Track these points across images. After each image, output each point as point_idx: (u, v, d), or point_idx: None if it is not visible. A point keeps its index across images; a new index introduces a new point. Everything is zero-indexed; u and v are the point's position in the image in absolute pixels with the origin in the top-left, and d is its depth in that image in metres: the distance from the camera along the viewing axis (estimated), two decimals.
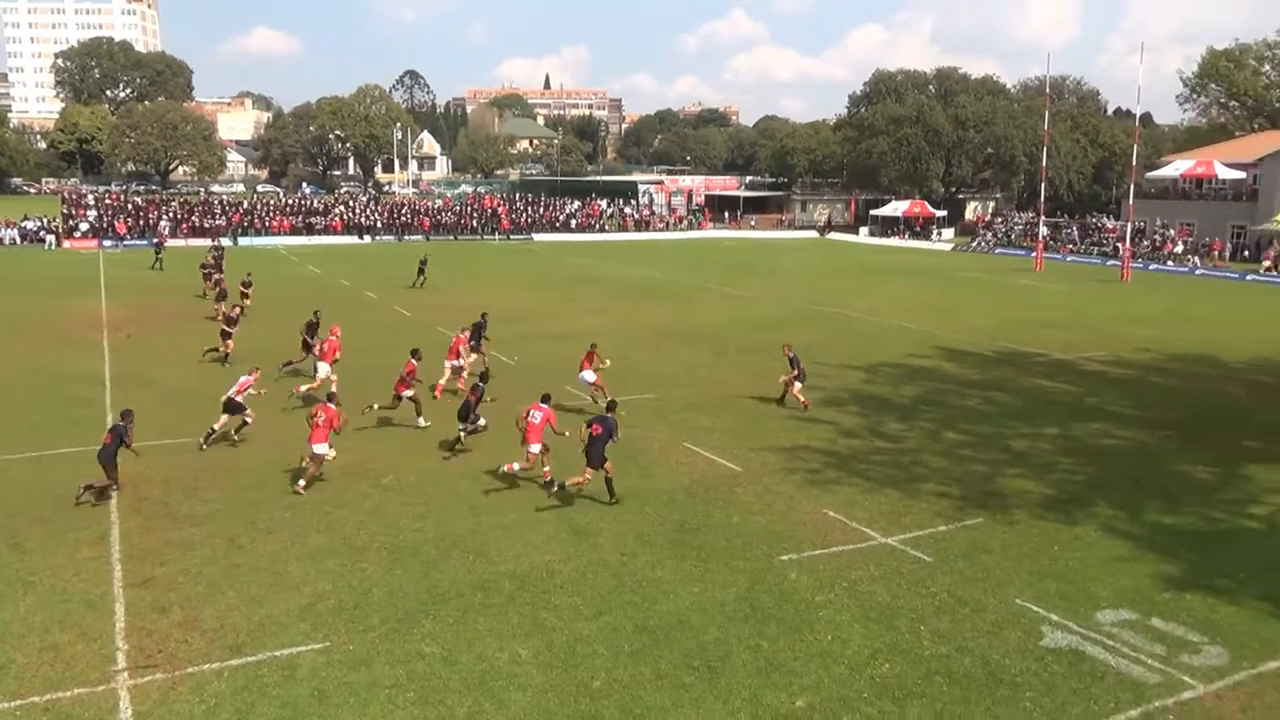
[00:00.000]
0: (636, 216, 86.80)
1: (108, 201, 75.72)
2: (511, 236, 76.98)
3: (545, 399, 16.45)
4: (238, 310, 28.70)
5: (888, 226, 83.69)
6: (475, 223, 78.68)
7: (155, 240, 56.33)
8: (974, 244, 74.31)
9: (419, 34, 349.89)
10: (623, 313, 36.01)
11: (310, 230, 72.62)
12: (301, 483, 15.86)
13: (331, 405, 16.38)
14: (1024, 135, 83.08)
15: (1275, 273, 54.78)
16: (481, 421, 18.64)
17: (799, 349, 22.43)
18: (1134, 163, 59.43)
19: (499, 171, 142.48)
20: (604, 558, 13.35)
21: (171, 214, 71.30)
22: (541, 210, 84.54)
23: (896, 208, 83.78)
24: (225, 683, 10.00)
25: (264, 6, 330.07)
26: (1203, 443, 19.70)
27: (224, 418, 18.44)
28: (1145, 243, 63.57)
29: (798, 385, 21.51)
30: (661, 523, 14.71)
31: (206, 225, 69.20)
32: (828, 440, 19.39)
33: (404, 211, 79.38)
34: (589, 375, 21.57)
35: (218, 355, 26.13)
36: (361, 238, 72.63)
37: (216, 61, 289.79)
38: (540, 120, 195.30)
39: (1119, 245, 59.37)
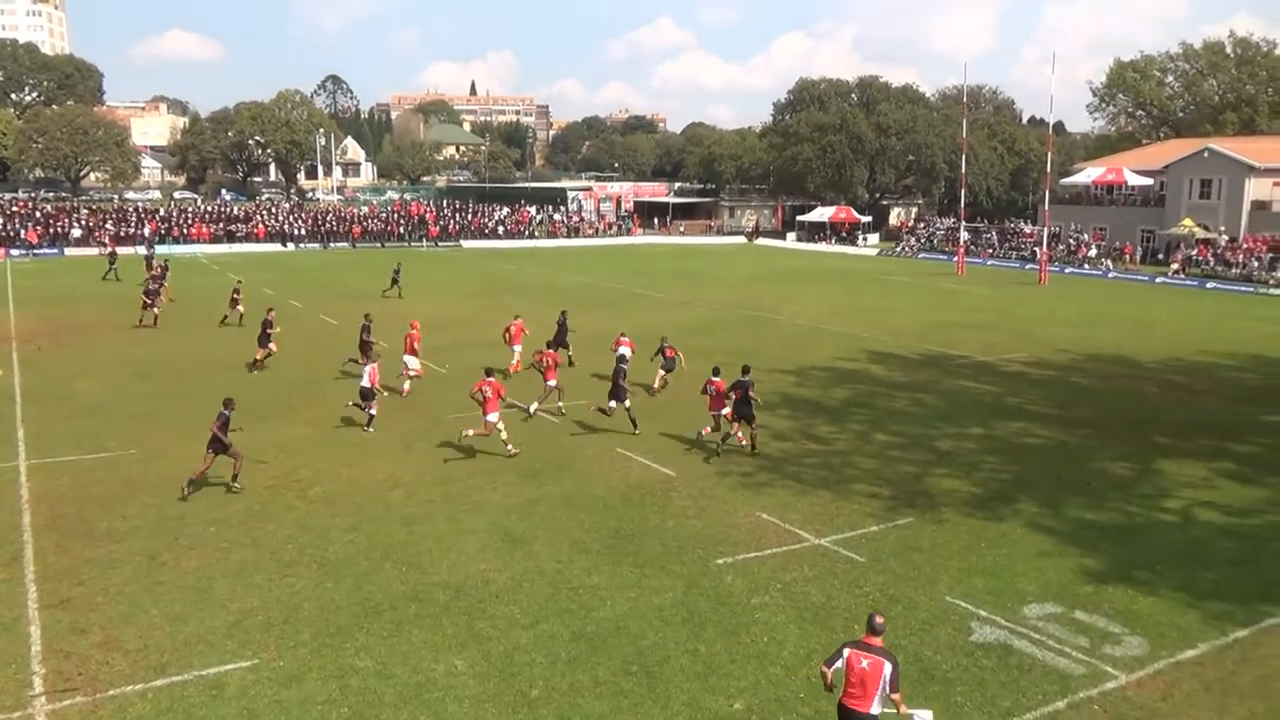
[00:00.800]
0: (566, 223, 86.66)
1: (15, 209, 72.86)
2: (439, 243, 76.21)
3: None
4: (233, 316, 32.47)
5: (814, 232, 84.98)
6: (402, 230, 77.72)
7: (109, 250, 53.81)
8: (898, 249, 75.86)
9: (342, 39, 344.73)
10: (554, 318, 35.85)
11: (231, 238, 70.90)
12: (469, 432, 18.17)
13: (492, 379, 18.45)
14: (944, 143, 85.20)
15: (1183, 275, 57.01)
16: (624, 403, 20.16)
17: (730, 353, 22.64)
18: (1048, 170, 61.39)
19: (426, 178, 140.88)
20: (540, 566, 13.26)
21: (81, 221, 68.91)
22: (470, 217, 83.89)
23: (822, 214, 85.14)
24: (149, 704, 9.67)
25: (179, 8, 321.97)
26: (1119, 440, 20.37)
27: (369, 404, 20.16)
28: (1061, 247, 65.59)
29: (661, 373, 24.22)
30: (597, 529, 14.67)
31: (124, 234, 67.06)
32: (759, 443, 19.55)
33: (329, 219, 78.01)
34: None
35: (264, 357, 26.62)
36: (285, 245, 71.14)
37: (129, 65, 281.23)
38: (467, 126, 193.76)
39: (1036, 250, 61.14)
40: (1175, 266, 58.66)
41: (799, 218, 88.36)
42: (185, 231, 70.18)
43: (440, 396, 23.22)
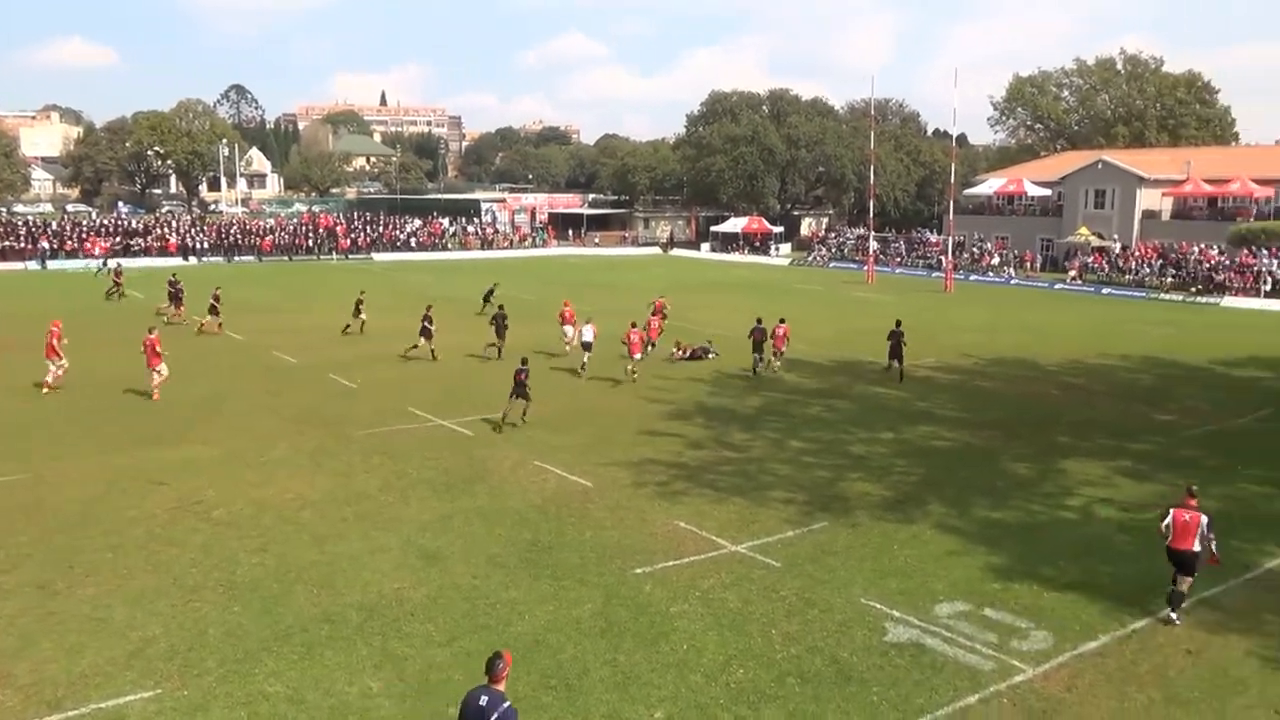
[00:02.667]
0: (480, 235, 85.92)
1: None
2: (350, 256, 74.74)
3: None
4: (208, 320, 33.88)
5: (728, 242, 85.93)
6: (311, 242, 76.02)
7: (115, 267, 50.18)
8: (810, 258, 77.20)
9: (245, 47, 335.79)
10: (469, 331, 35.46)
11: (129, 252, 68.32)
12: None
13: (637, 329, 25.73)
14: (852, 154, 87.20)
15: (1080, 281, 59.33)
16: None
17: (649, 364, 22.65)
18: (952, 180, 63.32)
19: (335, 190, 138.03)
20: (456, 582, 13.05)
21: None
22: (381, 229, 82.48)
23: (736, 224, 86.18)
24: None
25: (71, 14, 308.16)
26: (1023, 441, 21.05)
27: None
28: (965, 255, 67.63)
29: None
30: (514, 542, 14.52)
31: (13, 248, 64.14)
32: (675, 453, 19.64)
33: (233, 231, 75.86)
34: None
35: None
36: (186, 259, 68.89)
37: (15, 72, 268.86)
38: (377, 137, 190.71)
39: (942, 258, 62.90)
40: (1073, 273, 61.02)
41: (713, 228, 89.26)
42: (80, 245, 67.37)
43: (351, 412, 22.74)
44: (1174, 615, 11.96)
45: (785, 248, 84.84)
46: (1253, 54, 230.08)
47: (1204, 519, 11.76)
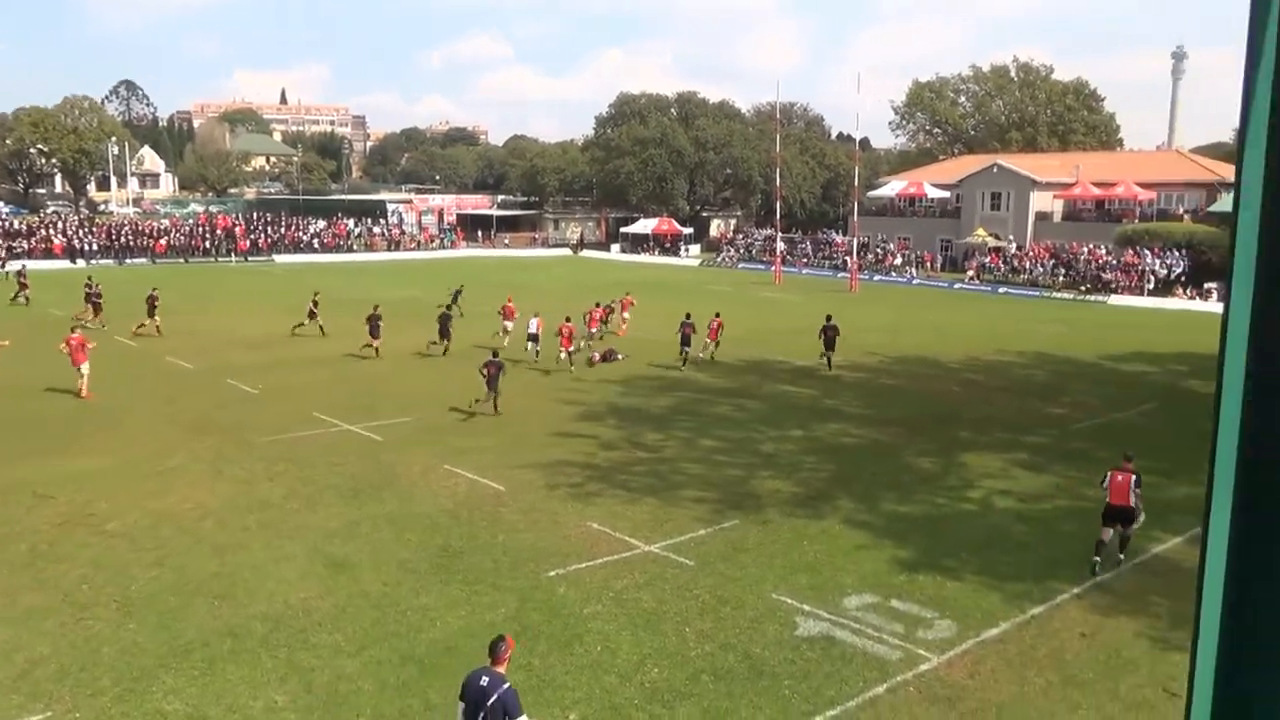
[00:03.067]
0: (386, 236, 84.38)
1: None
2: (250, 258, 72.57)
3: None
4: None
5: (638, 243, 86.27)
6: (208, 244, 73.55)
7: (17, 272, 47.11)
8: (719, 259, 78.02)
9: (137, 42, 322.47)
10: (326, 335, 34.80)
11: (11, 254, 65.01)
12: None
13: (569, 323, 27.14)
14: (759, 157, 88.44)
15: (978, 281, 61.33)
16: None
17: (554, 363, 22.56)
18: (856, 183, 64.80)
19: (233, 190, 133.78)
20: (365, 590, 12.75)
21: None
22: (282, 230, 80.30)
23: (645, 225, 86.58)
24: None
25: None
26: (926, 436, 21.63)
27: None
28: (870, 256, 69.24)
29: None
30: (425, 548, 14.27)
31: None
32: (588, 454, 19.59)
33: (124, 232, 72.89)
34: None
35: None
36: (74, 261, 65.92)
37: None
38: (278, 137, 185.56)
39: (847, 259, 64.28)
40: (971, 273, 63.05)
41: (623, 229, 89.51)
42: None
43: (252, 418, 22.06)
44: (1120, 555, 13.98)
45: (695, 249, 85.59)
46: (1134, 64, 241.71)
47: (1133, 477, 13.64)
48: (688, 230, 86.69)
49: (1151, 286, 54.42)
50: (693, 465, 19.01)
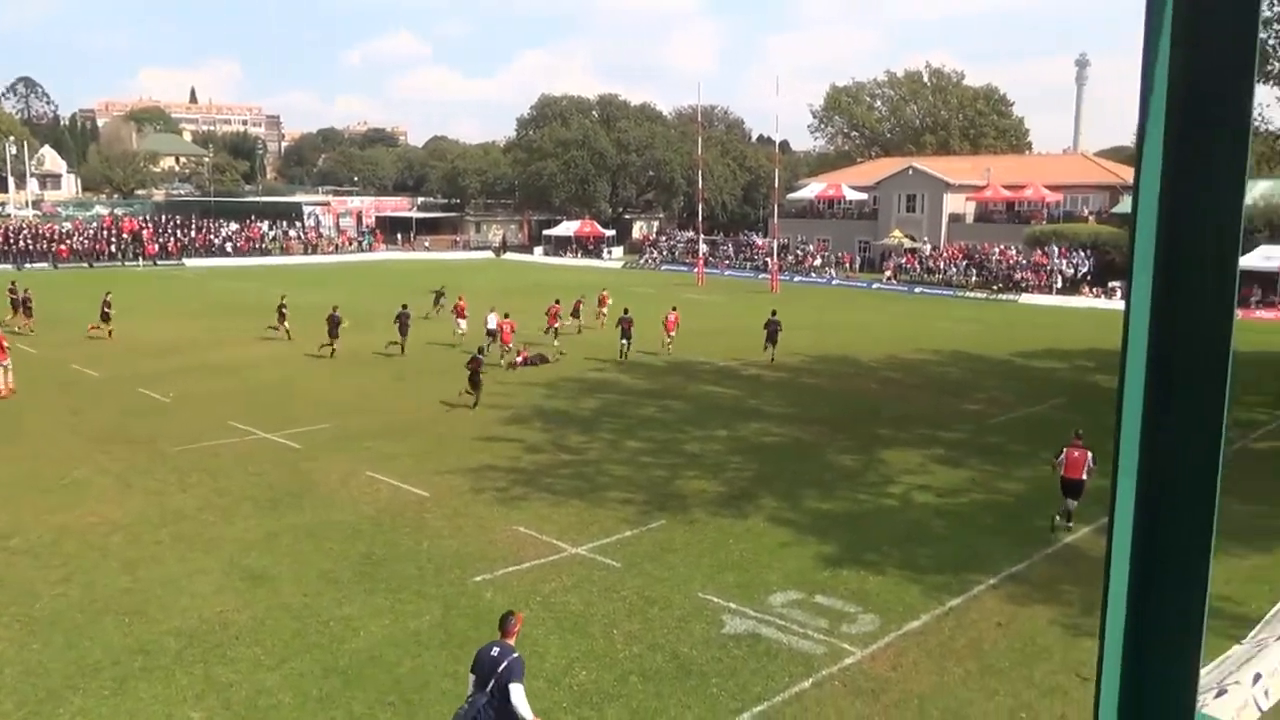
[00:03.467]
0: (303, 239, 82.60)
1: None
2: (158, 262, 70.28)
3: None
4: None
5: (561, 246, 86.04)
6: (114, 248, 71.01)
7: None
8: (642, 261, 78.26)
9: (35, 38, 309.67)
10: (292, 340, 34.04)
11: None
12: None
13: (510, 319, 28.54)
14: (681, 159, 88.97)
15: (895, 281, 62.69)
16: None
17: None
18: (776, 185, 65.66)
19: (140, 191, 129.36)
20: (285, 601, 12.45)
21: None
22: (194, 233, 77.98)
23: (568, 228, 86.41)
24: None
25: None
26: (847, 434, 22.02)
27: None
28: (790, 257, 70.22)
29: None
30: (346, 557, 14.00)
31: None
32: (513, 458, 19.47)
33: (22, 236, 69.93)
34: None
35: None
36: None
37: None
38: (187, 136, 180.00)
39: (768, 260, 65.09)
40: (888, 273, 64.43)
41: (545, 232, 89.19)
42: None
43: (164, 428, 21.37)
44: (1068, 524, 15.31)
45: (618, 251, 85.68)
46: (1041, 70, 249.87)
47: (1089, 454, 15.04)
48: (610, 232, 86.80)
49: (1059, 285, 56.30)
50: (619, 467, 19.02)
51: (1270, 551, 14.71)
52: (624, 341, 31.05)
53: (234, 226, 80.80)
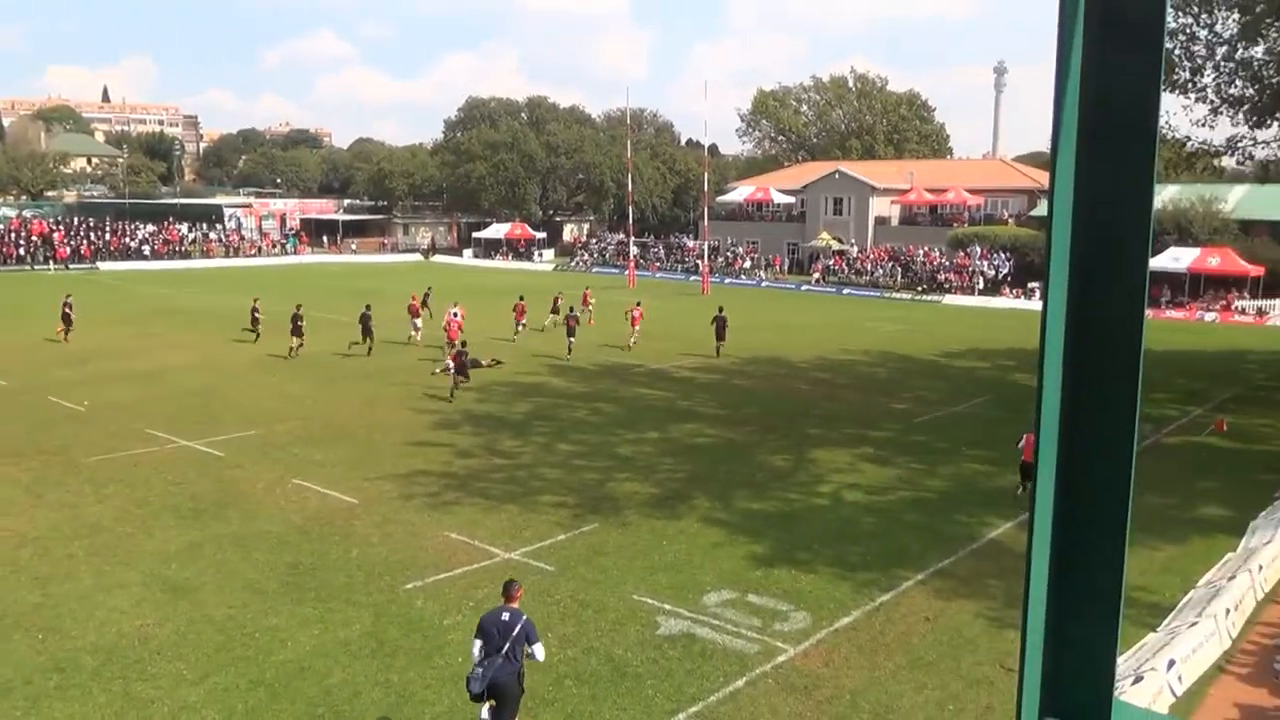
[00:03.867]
0: (224, 242, 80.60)
1: None
2: (70, 266, 67.88)
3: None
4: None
5: (491, 248, 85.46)
6: (22, 251, 68.38)
7: None
8: (573, 263, 78.13)
9: None
10: (215, 345, 33.20)
11: None
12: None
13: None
14: (611, 162, 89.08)
15: (823, 283, 63.63)
16: None
17: (406, 370, 22.11)
18: (706, 188, 66.20)
19: (50, 193, 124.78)
20: (208, 614, 12.13)
21: None
22: (108, 236, 75.52)
23: (498, 230, 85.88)
24: None
25: None
26: (778, 434, 22.27)
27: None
28: (720, 259, 70.78)
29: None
30: (273, 567, 13.69)
31: None
32: (444, 463, 19.26)
33: None
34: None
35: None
36: None
37: None
38: (100, 137, 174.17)
39: (699, 262, 65.52)
40: (816, 275, 65.38)
41: (475, 234, 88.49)
42: None
43: (78, 438, 20.64)
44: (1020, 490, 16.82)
45: (549, 253, 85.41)
46: (961, 77, 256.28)
47: None
48: (541, 235, 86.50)
49: (981, 286, 57.75)
50: (551, 470, 18.95)
51: (1183, 543, 15.28)
52: (570, 340, 32.32)
53: (151, 229, 78.49)
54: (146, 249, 74.42)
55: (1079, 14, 1.36)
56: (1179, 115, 33.16)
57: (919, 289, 59.04)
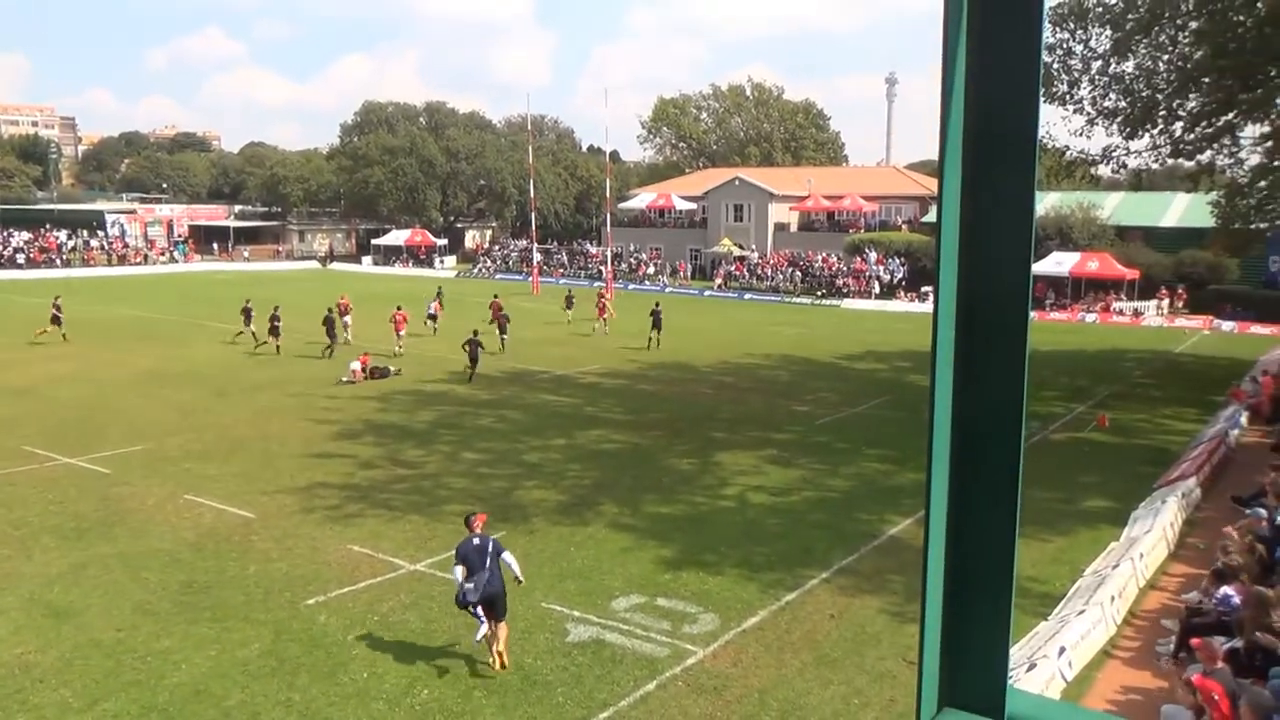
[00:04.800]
0: (107, 249, 77.22)
1: None
2: None
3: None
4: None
5: (390, 255, 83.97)
6: None
7: None
8: (475, 270, 77.35)
9: None
10: (98, 357, 31.75)
11: None
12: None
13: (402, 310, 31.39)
14: (512, 168, 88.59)
15: (725, 288, 64.46)
16: None
17: (297, 381, 21.52)
18: (608, 195, 66.34)
19: None
20: (95, 638, 11.58)
21: None
22: None
23: (398, 237, 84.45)
24: None
25: None
26: (684, 439, 22.45)
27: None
28: (624, 265, 71.04)
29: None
30: (164, 586, 13.16)
31: None
32: (346, 474, 18.83)
33: None
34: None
35: None
36: None
37: None
38: None
39: (602, 268, 65.63)
40: (719, 281, 66.18)
41: (374, 241, 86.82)
42: None
43: None
44: None
45: (450, 260, 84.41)
46: (855, 87, 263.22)
47: None
48: (442, 241, 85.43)
49: (878, 291, 59.32)
50: (457, 479, 18.71)
51: (1070, 534, 15.97)
52: (503, 336, 34.81)
53: (25, 236, 74.71)
54: (21, 258, 70.75)
55: (962, 28, 1.41)
56: (1058, 126, 34.73)
57: (818, 293, 60.31)
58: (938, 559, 1.55)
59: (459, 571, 10.70)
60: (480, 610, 10.68)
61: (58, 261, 72.24)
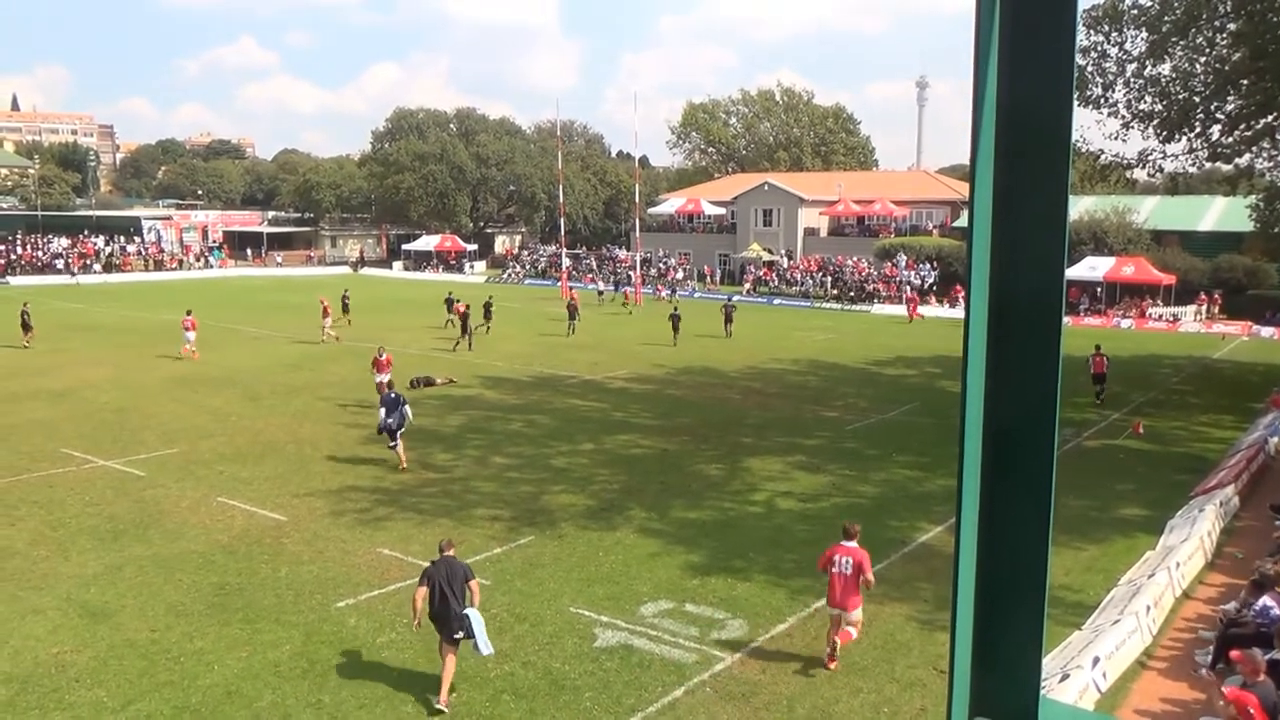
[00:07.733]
0: (144, 255, 78.37)
1: None
2: None
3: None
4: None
5: (421, 260, 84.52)
6: None
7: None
8: (505, 275, 77.64)
9: None
10: (133, 361, 32.22)
11: None
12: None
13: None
14: (542, 174, 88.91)
15: (754, 293, 64.26)
16: None
17: (334, 385, 21.70)
18: (637, 200, 66.43)
19: None
20: (130, 638, 11.74)
21: None
22: (20, 250, 72.87)
23: (428, 242, 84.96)
24: None
25: None
26: (712, 444, 22.39)
27: None
28: (653, 270, 71.02)
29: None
30: (198, 588, 13.31)
31: None
32: (376, 478, 18.97)
33: None
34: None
35: None
36: None
37: None
38: (10, 147, 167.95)
39: (631, 273, 65.64)
40: (748, 285, 65.97)
41: (404, 246, 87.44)
42: None
43: None
44: (1099, 401, 21.50)
45: (480, 265, 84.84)
46: (885, 91, 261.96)
47: (1106, 358, 20.84)
48: (472, 247, 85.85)
49: (908, 295, 58.87)
50: (485, 483, 18.78)
51: (1104, 542, 15.76)
52: (485, 326, 38.22)
53: (65, 242, 76.00)
54: (60, 263, 71.97)
55: (994, 31, 1.40)
56: (1093, 129, 34.45)
57: (848, 298, 59.97)
58: (969, 566, 1.53)
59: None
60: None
61: (96, 268, 73.32)
